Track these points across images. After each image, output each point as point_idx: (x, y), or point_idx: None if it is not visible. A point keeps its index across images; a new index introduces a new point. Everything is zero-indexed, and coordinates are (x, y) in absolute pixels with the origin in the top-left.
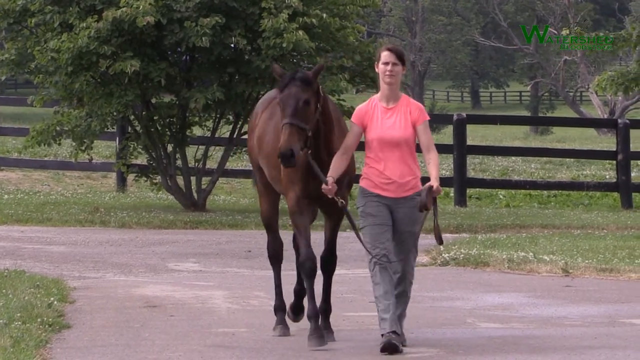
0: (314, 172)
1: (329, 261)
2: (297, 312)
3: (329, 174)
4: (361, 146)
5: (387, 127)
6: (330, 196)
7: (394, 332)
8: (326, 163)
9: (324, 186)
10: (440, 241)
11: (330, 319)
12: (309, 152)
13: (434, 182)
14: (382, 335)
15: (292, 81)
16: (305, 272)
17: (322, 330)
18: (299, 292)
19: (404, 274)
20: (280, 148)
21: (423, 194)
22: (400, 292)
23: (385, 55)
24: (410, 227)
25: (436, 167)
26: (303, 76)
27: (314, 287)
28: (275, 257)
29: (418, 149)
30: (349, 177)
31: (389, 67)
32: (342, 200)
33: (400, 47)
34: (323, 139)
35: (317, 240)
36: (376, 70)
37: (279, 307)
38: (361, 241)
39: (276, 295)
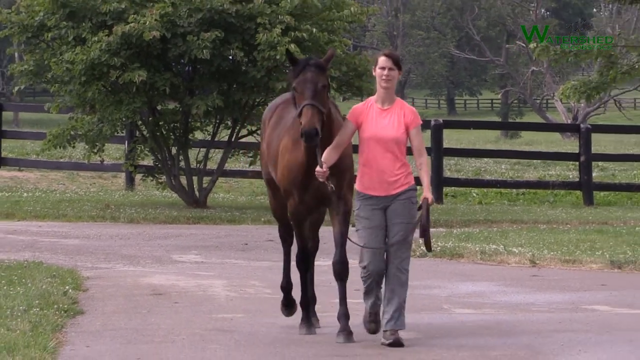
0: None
1: (340, 268)
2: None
3: (322, 160)
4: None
5: (382, 127)
6: (321, 179)
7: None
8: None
9: (317, 169)
10: (428, 247)
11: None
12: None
13: (429, 195)
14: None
15: (307, 67)
16: (300, 268)
17: (311, 320)
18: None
19: (400, 271)
20: (305, 127)
21: (423, 219)
22: (394, 282)
23: (382, 61)
24: (402, 218)
25: (428, 174)
26: (317, 62)
27: (307, 280)
28: (285, 238)
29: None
30: (350, 175)
31: (385, 72)
32: (332, 185)
33: (396, 53)
34: (329, 126)
35: (326, 234)
36: (373, 73)
37: (285, 287)
38: (349, 238)
39: (284, 274)
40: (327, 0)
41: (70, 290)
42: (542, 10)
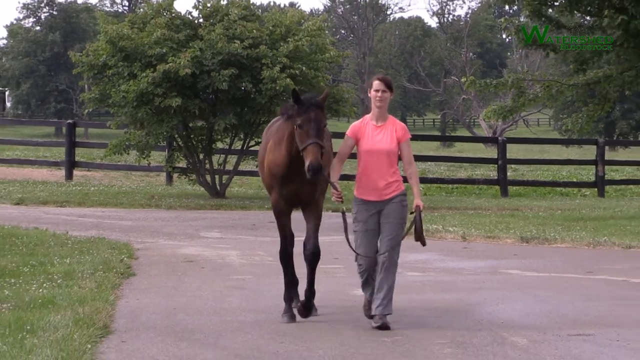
0: (295, 179)
1: (312, 257)
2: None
3: (332, 180)
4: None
5: (377, 141)
6: (336, 199)
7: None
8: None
9: (333, 191)
10: (423, 244)
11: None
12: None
13: (420, 202)
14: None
15: (310, 107)
16: (282, 263)
17: (294, 312)
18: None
19: (390, 262)
20: (312, 163)
21: (417, 224)
22: (385, 273)
23: (376, 84)
24: (394, 219)
25: (417, 183)
26: (318, 102)
27: (293, 272)
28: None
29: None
30: (325, 183)
31: (379, 94)
32: (344, 208)
33: (388, 77)
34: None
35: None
36: (369, 95)
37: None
38: (349, 245)
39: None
40: (313, 46)
41: (125, 259)
42: (470, 54)
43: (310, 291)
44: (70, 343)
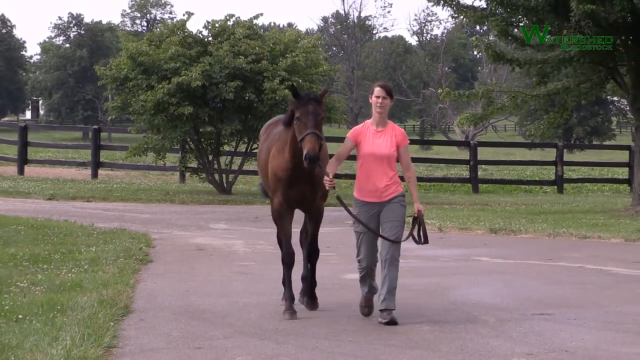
0: (299, 182)
1: (312, 253)
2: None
3: (327, 171)
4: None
5: (377, 146)
6: (328, 187)
7: (386, 309)
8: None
9: (325, 178)
10: (426, 241)
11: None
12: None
13: (420, 207)
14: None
15: (309, 100)
16: (285, 264)
17: (294, 308)
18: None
19: (392, 257)
20: (308, 152)
21: (423, 227)
22: (388, 270)
23: (377, 90)
24: (394, 217)
25: (415, 187)
26: (316, 97)
27: (291, 276)
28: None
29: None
30: (324, 187)
31: (379, 100)
32: (338, 193)
33: (388, 84)
34: (320, 148)
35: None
36: (370, 100)
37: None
38: (350, 213)
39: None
40: (309, 61)
41: (143, 247)
42: (446, 68)
43: (312, 280)
44: (95, 321)
